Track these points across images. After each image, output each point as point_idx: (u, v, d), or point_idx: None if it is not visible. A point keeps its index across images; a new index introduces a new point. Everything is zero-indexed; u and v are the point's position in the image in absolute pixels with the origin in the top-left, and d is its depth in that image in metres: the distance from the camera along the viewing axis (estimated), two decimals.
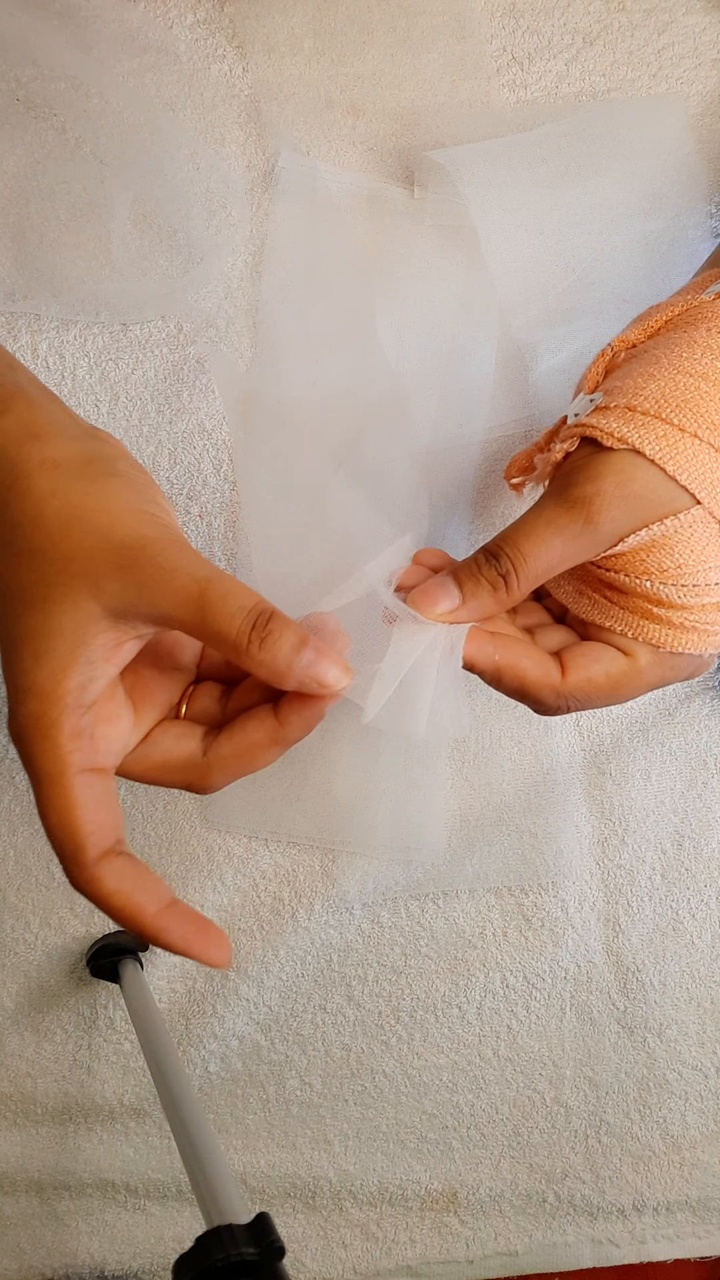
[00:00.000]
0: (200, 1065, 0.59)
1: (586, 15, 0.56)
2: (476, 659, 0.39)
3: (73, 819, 0.31)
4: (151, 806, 0.56)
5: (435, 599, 0.38)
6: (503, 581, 0.38)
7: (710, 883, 0.60)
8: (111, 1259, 0.62)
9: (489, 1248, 0.63)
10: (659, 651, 0.40)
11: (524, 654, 0.40)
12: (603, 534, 0.37)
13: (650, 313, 0.44)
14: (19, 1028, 0.58)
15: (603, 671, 0.40)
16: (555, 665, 0.40)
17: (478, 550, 0.39)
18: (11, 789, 0.55)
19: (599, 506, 0.37)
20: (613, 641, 0.41)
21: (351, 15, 0.55)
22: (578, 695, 0.40)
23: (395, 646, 0.38)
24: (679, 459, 0.37)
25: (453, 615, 0.39)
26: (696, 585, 0.39)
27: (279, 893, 0.58)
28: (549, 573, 0.39)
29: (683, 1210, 0.64)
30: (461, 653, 0.38)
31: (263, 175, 0.55)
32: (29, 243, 0.52)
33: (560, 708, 0.41)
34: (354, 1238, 0.63)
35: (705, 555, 0.38)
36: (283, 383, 0.54)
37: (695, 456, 0.37)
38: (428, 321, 0.55)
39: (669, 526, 0.38)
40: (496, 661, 0.39)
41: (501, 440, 0.55)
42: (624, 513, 0.37)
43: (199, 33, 0.54)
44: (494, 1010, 0.60)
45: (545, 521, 0.38)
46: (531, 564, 0.38)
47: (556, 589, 0.43)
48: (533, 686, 0.40)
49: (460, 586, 0.39)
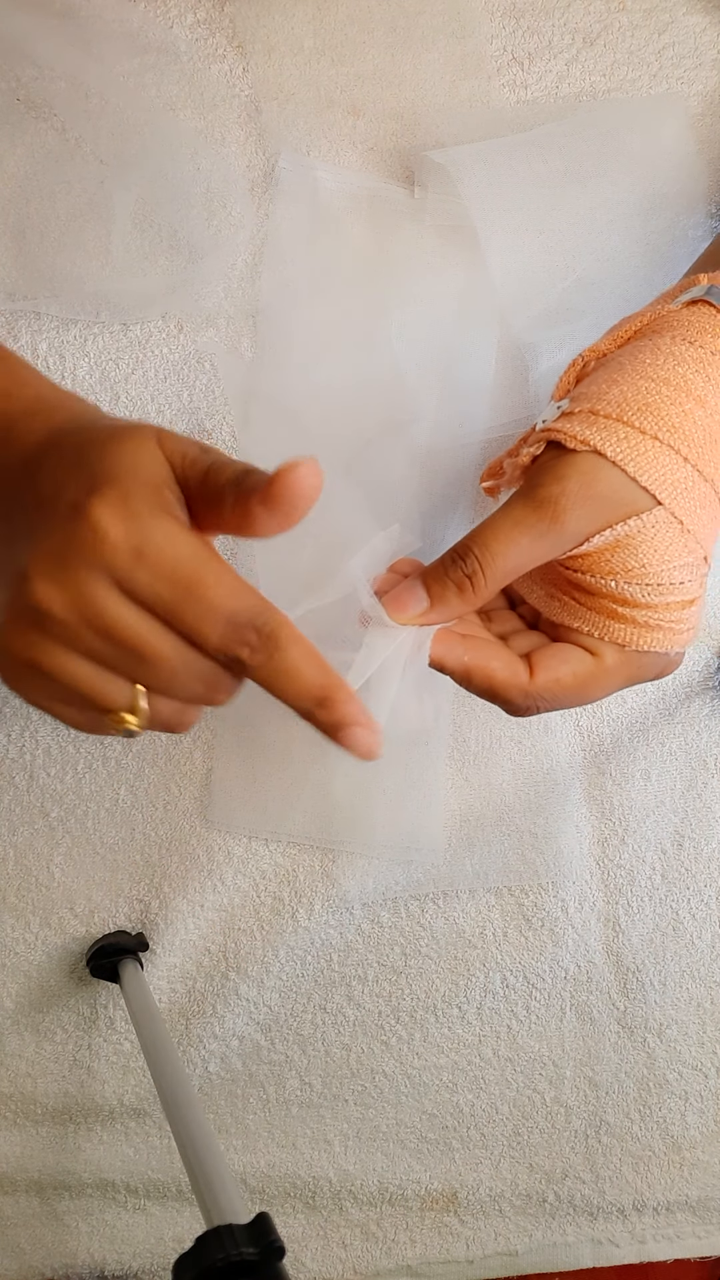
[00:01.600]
0: (200, 1065, 0.59)
1: (586, 15, 0.56)
2: (446, 660, 0.41)
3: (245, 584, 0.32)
4: (152, 807, 0.56)
5: (405, 604, 0.40)
6: (469, 582, 0.39)
7: (710, 883, 0.60)
8: (111, 1259, 0.62)
9: (489, 1248, 0.63)
10: (625, 651, 0.42)
11: (493, 655, 0.41)
12: (568, 533, 0.39)
13: (622, 324, 0.45)
14: (19, 1028, 0.58)
15: (570, 672, 0.41)
16: (524, 666, 0.42)
17: (447, 550, 0.41)
18: (11, 789, 0.55)
19: (564, 506, 0.38)
20: (580, 642, 0.42)
21: (351, 15, 0.55)
22: (546, 695, 0.41)
23: (367, 646, 0.40)
24: (640, 460, 0.38)
25: (423, 618, 0.40)
26: (660, 584, 0.40)
27: (279, 893, 0.58)
28: (516, 571, 0.40)
29: (683, 1210, 0.64)
30: (428, 653, 0.40)
31: (263, 175, 0.55)
32: (29, 242, 0.52)
33: (529, 708, 0.42)
34: (354, 1238, 0.63)
35: (668, 555, 0.39)
36: (283, 382, 0.54)
37: (656, 459, 0.39)
38: (428, 321, 0.55)
39: (632, 527, 0.39)
40: (465, 663, 0.41)
41: (501, 440, 0.55)
42: (588, 512, 0.39)
43: (199, 33, 0.54)
44: (494, 1010, 0.60)
45: (513, 521, 0.39)
46: (500, 562, 0.39)
47: (528, 593, 0.45)
48: (501, 687, 0.41)
49: (428, 590, 0.40)
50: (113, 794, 0.56)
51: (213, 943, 0.58)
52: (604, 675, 0.42)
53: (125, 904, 0.57)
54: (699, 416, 0.39)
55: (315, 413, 0.54)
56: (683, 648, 0.43)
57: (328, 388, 0.54)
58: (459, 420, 0.55)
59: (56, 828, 0.56)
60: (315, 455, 0.32)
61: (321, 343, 0.55)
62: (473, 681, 0.41)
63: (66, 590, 0.30)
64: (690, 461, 0.39)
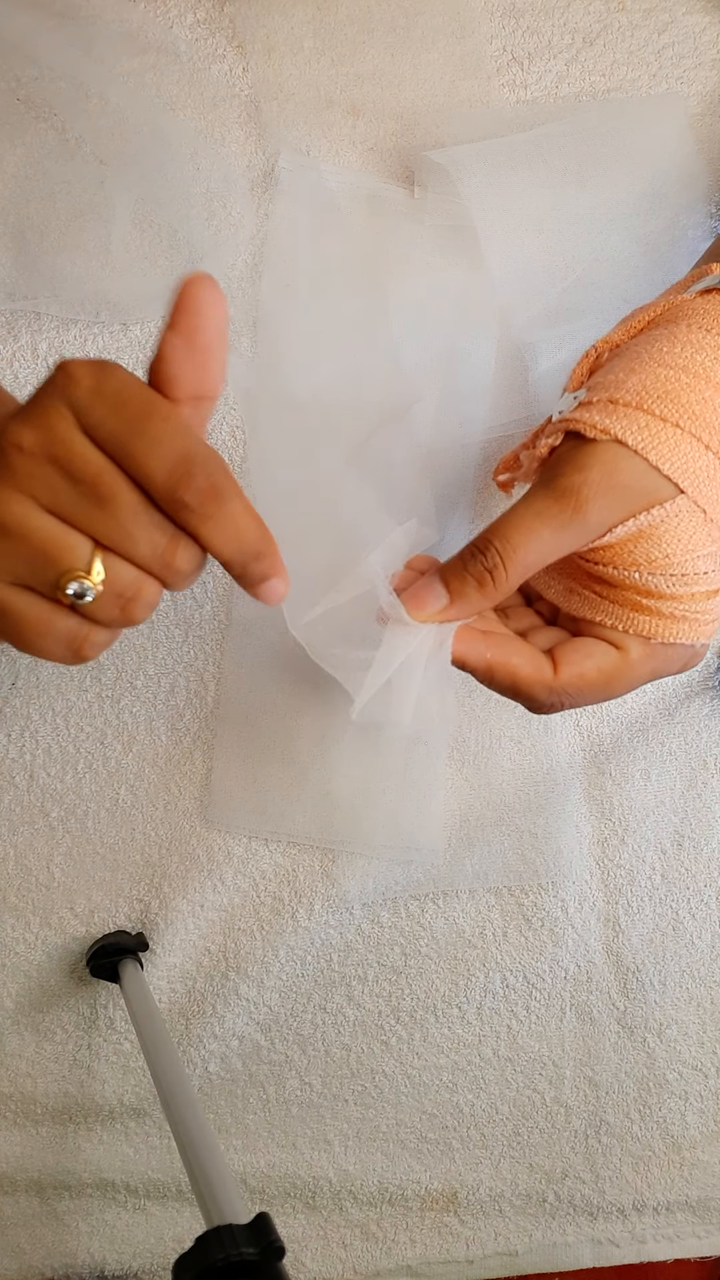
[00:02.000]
0: (200, 1065, 0.59)
1: (586, 15, 0.56)
2: (468, 657, 0.40)
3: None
4: (152, 806, 0.56)
5: (424, 601, 0.39)
6: (489, 576, 0.39)
7: (710, 883, 0.60)
8: (111, 1259, 0.61)
9: (489, 1248, 0.63)
10: (650, 643, 0.41)
11: (516, 651, 0.40)
12: (591, 524, 0.38)
13: (635, 314, 0.44)
14: (19, 1028, 0.58)
15: (595, 666, 0.40)
16: (547, 662, 0.40)
17: (467, 544, 0.40)
18: (12, 789, 0.55)
19: (586, 496, 0.37)
20: (604, 636, 0.41)
21: (351, 15, 0.55)
22: (570, 691, 0.40)
23: (387, 645, 0.39)
24: (661, 449, 0.37)
25: (442, 615, 0.39)
26: (684, 575, 0.39)
27: (279, 893, 0.58)
28: (538, 564, 0.39)
29: (683, 1210, 0.64)
30: (450, 649, 0.39)
31: (263, 175, 0.55)
32: (29, 242, 0.52)
33: (554, 705, 0.41)
34: (354, 1238, 0.63)
35: (691, 544, 0.38)
36: (283, 381, 0.54)
37: (677, 446, 0.38)
38: (428, 321, 0.55)
39: (655, 516, 0.38)
40: (488, 659, 0.40)
41: (501, 440, 0.55)
42: (611, 502, 0.38)
43: (199, 33, 0.54)
44: (494, 1010, 0.60)
45: (534, 513, 0.38)
46: (520, 555, 0.38)
47: (546, 589, 0.44)
48: (525, 683, 0.40)
49: (447, 586, 0.39)
50: (113, 794, 0.56)
51: (213, 943, 0.58)
52: (629, 669, 0.41)
53: (125, 904, 0.57)
54: (719, 403, 0.38)
55: (315, 412, 0.54)
56: (708, 639, 0.41)
57: (328, 387, 0.54)
58: (459, 420, 0.55)
59: (56, 828, 0.56)
60: (317, 453, 0.32)
61: (321, 342, 0.55)
62: (496, 678, 0.40)
63: (35, 425, 0.31)
64: (712, 449, 0.38)
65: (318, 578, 0.42)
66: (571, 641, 0.41)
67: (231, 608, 0.55)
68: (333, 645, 0.42)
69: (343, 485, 0.48)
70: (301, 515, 0.50)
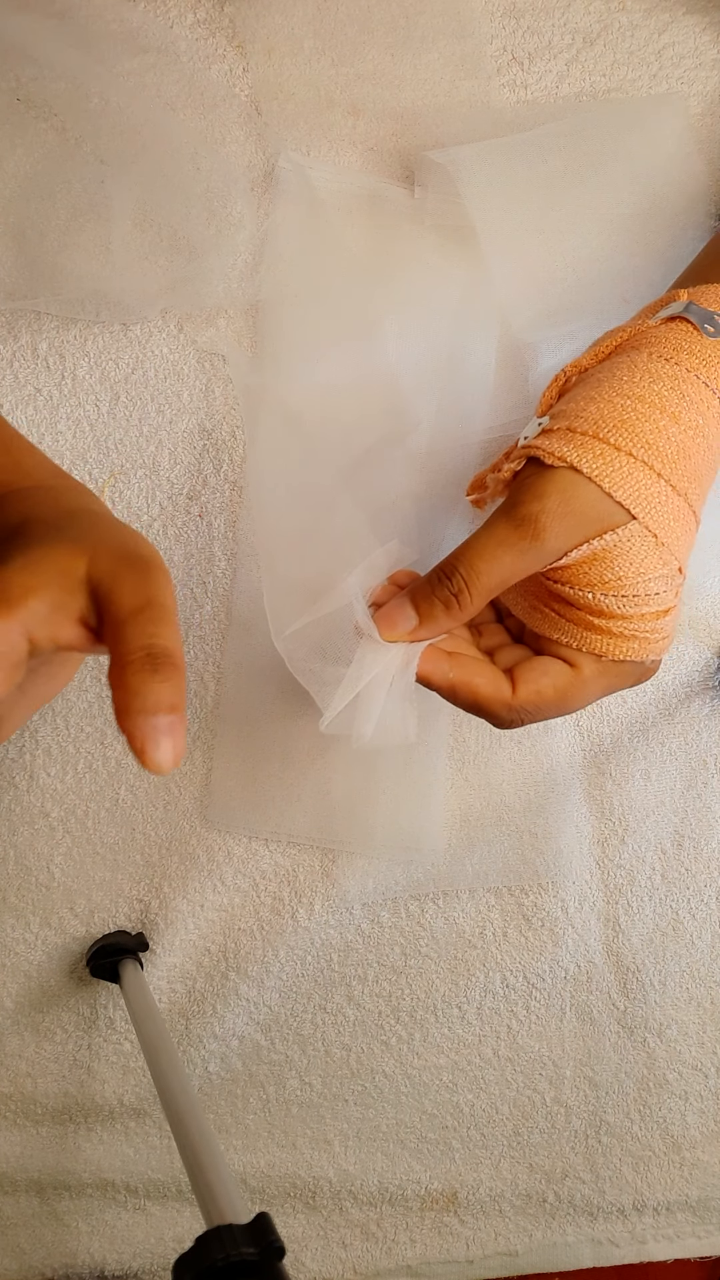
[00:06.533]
0: (200, 1065, 0.59)
1: (586, 15, 0.56)
2: (432, 676, 0.42)
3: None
4: (152, 806, 0.56)
5: (394, 622, 0.42)
6: (455, 600, 0.41)
7: (710, 883, 0.60)
8: (111, 1259, 0.61)
9: (489, 1248, 0.63)
10: (602, 661, 0.43)
11: (478, 672, 0.43)
12: (548, 549, 0.40)
13: (603, 338, 0.47)
14: (19, 1028, 0.58)
15: (550, 684, 0.43)
16: (507, 681, 0.43)
17: (433, 569, 0.42)
18: (12, 789, 0.55)
19: (544, 524, 0.40)
20: (560, 654, 0.44)
21: (351, 15, 0.55)
22: (528, 708, 0.43)
23: (358, 661, 0.42)
24: (614, 476, 0.40)
25: (412, 635, 0.42)
26: (636, 596, 0.41)
27: (279, 893, 0.58)
28: (500, 587, 0.41)
29: (683, 1210, 0.64)
30: (415, 668, 0.42)
31: (263, 175, 0.55)
32: (29, 242, 0.52)
33: (514, 721, 0.43)
34: (354, 1238, 0.63)
35: (643, 567, 0.41)
36: (283, 382, 0.54)
37: (631, 474, 0.40)
38: (428, 321, 0.55)
39: (608, 541, 0.40)
40: (451, 679, 0.42)
41: (501, 440, 0.55)
42: (567, 528, 0.40)
43: (199, 33, 0.54)
44: (494, 1010, 0.60)
45: (496, 540, 0.41)
46: (484, 580, 0.41)
47: (514, 605, 0.46)
48: (486, 702, 0.43)
49: (416, 608, 0.42)
50: (113, 794, 0.56)
51: (213, 943, 0.58)
52: (582, 685, 0.43)
53: (125, 904, 0.57)
54: (673, 433, 0.41)
55: (315, 412, 0.54)
56: (658, 656, 0.44)
57: (327, 387, 0.54)
58: (459, 420, 0.55)
59: (56, 828, 0.56)
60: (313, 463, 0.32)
61: (321, 342, 0.55)
62: (459, 697, 0.43)
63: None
64: (664, 477, 0.41)
65: (304, 588, 0.45)
66: (529, 660, 0.44)
67: (231, 608, 0.55)
68: (310, 659, 0.45)
69: (336, 500, 0.50)
70: (294, 525, 0.51)
